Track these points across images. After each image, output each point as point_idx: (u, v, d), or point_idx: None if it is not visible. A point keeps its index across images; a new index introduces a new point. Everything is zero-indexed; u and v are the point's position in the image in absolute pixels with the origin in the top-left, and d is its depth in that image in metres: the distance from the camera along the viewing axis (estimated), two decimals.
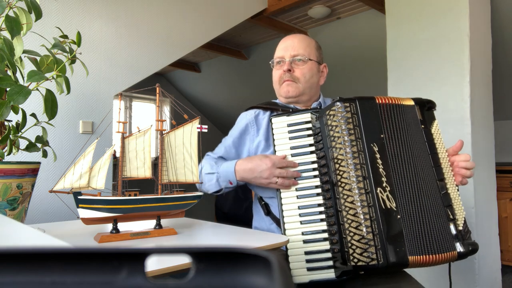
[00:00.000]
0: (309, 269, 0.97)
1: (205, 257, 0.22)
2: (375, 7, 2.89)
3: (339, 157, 1.01)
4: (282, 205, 1.04)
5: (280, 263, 0.21)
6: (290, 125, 1.09)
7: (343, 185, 0.99)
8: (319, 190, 1.03)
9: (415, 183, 1.00)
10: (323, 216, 1.00)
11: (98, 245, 0.81)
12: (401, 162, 1.01)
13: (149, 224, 0.95)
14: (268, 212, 1.20)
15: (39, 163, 0.92)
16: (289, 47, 1.26)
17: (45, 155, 1.05)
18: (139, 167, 0.92)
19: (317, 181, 1.04)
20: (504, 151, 3.54)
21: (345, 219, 0.97)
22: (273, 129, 1.09)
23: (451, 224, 0.99)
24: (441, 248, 0.96)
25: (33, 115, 1.04)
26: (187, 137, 0.96)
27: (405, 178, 1.00)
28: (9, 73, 0.92)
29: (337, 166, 1.01)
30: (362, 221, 0.95)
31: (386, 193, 0.97)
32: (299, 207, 1.03)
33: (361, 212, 0.96)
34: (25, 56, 1.01)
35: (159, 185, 0.92)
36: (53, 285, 0.21)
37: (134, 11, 2.09)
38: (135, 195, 0.86)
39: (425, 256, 0.94)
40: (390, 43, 2.31)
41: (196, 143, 0.96)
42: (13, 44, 0.90)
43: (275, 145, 1.09)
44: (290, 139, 1.08)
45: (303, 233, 1.00)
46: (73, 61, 1.03)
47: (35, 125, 1.02)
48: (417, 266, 0.95)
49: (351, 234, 0.96)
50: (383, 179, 0.98)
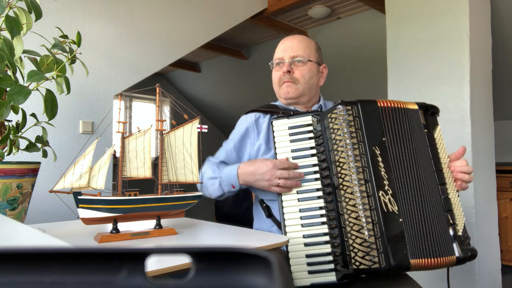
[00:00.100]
0: (310, 272, 0.97)
1: (205, 257, 0.22)
2: (375, 7, 2.89)
3: (340, 160, 1.00)
4: (283, 207, 1.03)
5: (280, 263, 0.21)
6: (291, 127, 1.08)
7: (345, 188, 0.99)
8: (320, 193, 1.02)
9: (416, 187, 0.99)
10: (324, 219, 1.00)
11: (98, 245, 0.81)
12: (403, 165, 1.00)
13: (149, 224, 0.95)
14: (269, 215, 1.20)
15: (39, 163, 0.92)
16: (289, 48, 1.26)
17: (45, 155, 1.05)
18: (139, 167, 0.92)
19: (318, 184, 1.03)
20: (504, 151, 3.55)
21: (347, 222, 0.97)
22: (274, 131, 1.09)
23: (451, 228, 0.99)
24: (441, 252, 0.96)
25: (33, 115, 1.04)
26: (187, 137, 0.96)
27: (406, 181, 0.99)
28: (9, 73, 0.92)
29: (338, 169, 1.00)
30: (364, 224, 0.95)
31: (388, 196, 0.96)
32: (300, 210, 1.02)
33: (363, 215, 0.95)
34: (25, 56, 1.01)
35: (159, 185, 0.92)
36: (53, 285, 0.21)
37: (134, 11, 2.09)
38: (135, 195, 0.86)
39: (427, 259, 0.94)
40: (390, 43, 2.31)
41: (196, 143, 0.96)
42: (13, 44, 0.90)
43: (276, 148, 1.08)
44: (291, 141, 1.07)
45: (304, 236, 1.00)
46: (73, 61, 1.03)
47: (35, 125, 1.02)
48: (419, 269, 0.95)
49: (353, 237, 0.95)
50: (385, 182, 0.97)
